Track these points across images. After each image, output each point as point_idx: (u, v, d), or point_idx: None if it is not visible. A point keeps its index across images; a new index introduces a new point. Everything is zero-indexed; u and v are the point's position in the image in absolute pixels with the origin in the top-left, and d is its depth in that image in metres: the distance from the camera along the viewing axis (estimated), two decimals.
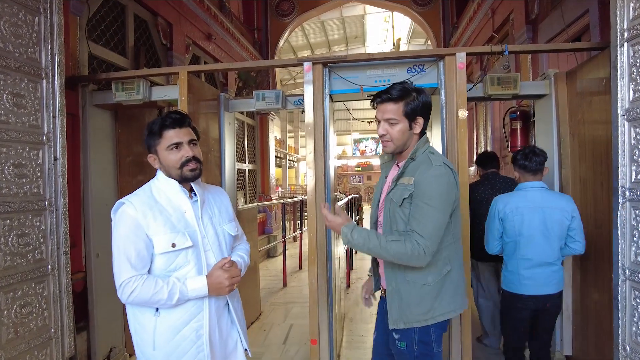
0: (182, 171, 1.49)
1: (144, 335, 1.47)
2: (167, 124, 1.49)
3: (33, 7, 2.34)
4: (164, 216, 1.47)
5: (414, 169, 1.57)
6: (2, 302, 2.15)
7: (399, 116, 1.59)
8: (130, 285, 1.40)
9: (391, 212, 1.60)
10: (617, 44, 1.98)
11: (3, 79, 2.16)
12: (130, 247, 1.42)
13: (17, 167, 2.25)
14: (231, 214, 1.69)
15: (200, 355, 1.46)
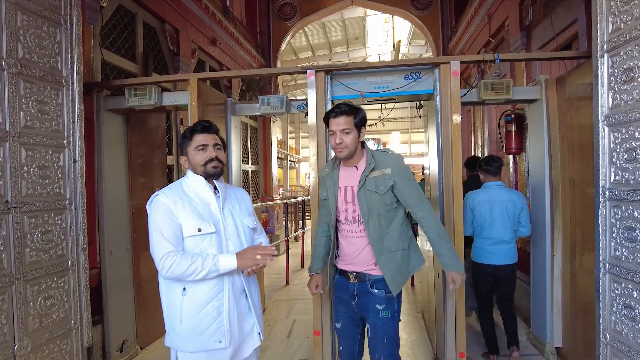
0: (205, 168, 1.74)
1: (173, 311, 1.70)
2: (197, 129, 1.77)
3: (55, 20, 2.51)
4: (192, 205, 1.70)
5: (382, 163, 1.96)
6: (29, 294, 2.31)
7: (351, 126, 1.94)
8: (169, 259, 1.60)
9: (371, 201, 1.94)
10: (597, 54, 2.14)
11: (29, 87, 2.33)
12: (166, 226, 1.65)
13: (41, 169, 2.42)
14: (250, 210, 1.91)
15: (220, 329, 1.67)
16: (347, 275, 2.04)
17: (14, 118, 2.23)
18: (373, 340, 2.01)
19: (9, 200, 2.20)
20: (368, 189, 1.94)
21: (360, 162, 2.02)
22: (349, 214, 2.02)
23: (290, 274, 6.03)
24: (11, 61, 2.20)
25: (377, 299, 1.97)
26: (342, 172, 2.06)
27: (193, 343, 1.67)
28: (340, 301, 2.12)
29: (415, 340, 3.68)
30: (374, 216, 1.94)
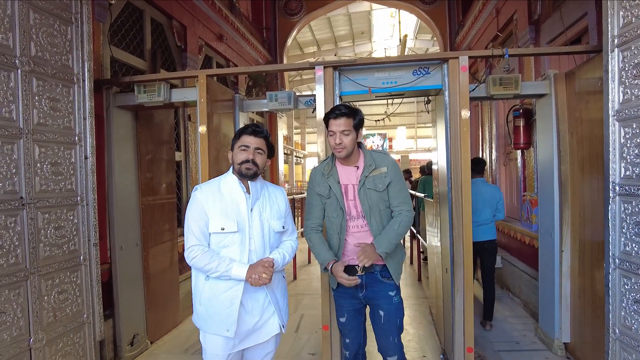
0: (240, 167, 1.84)
1: (196, 292, 1.88)
2: (246, 131, 1.88)
3: (66, 18, 2.53)
4: (222, 203, 1.83)
5: (380, 162, 2.09)
6: (43, 289, 2.36)
7: (350, 128, 2.03)
8: (193, 251, 1.79)
9: (371, 198, 2.06)
10: (608, 49, 2.13)
11: (42, 85, 2.36)
12: (194, 223, 1.82)
13: (54, 166, 2.45)
14: (281, 212, 1.97)
15: (229, 319, 1.78)
16: (355, 268, 2.08)
17: (27, 115, 2.26)
18: (387, 325, 2.10)
19: (23, 197, 2.24)
20: (367, 188, 2.06)
21: (359, 161, 2.12)
22: (351, 209, 2.11)
23: (298, 269, 6.07)
24: (24, 59, 2.23)
25: (389, 287, 2.11)
26: (341, 170, 2.14)
27: (206, 324, 1.83)
28: (344, 295, 2.18)
29: (422, 334, 3.70)
30: (375, 212, 2.08)
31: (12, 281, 2.17)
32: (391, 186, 2.07)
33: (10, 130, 2.17)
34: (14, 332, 2.18)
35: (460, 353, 2.77)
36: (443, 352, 3.27)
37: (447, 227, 2.85)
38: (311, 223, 2.19)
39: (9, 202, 2.16)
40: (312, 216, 2.19)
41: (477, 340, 3.49)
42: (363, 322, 2.22)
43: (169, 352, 3.52)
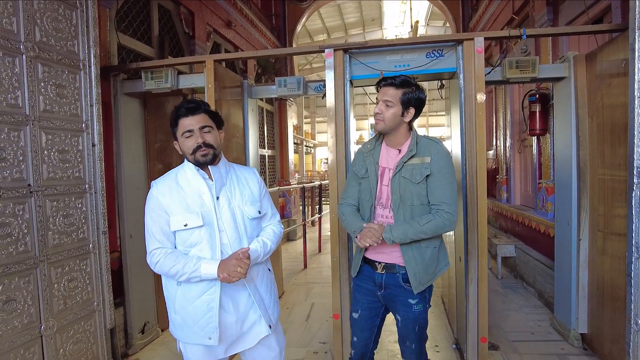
0: (195, 157, 1.61)
1: (169, 299, 1.67)
2: (180, 113, 1.61)
3: (71, 2, 2.48)
4: (181, 197, 1.61)
5: (425, 150, 1.83)
6: (53, 276, 2.35)
7: (395, 100, 1.82)
8: (155, 255, 1.59)
9: (403, 189, 1.82)
10: (635, 26, 2.01)
11: (47, 71, 2.32)
12: (153, 223, 1.61)
13: (61, 153, 2.43)
14: (255, 196, 1.75)
15: (209, 326, 1.58)
16: (375, 264, 1.93)
17: (33, 102, 2.23)
18: (403, 330, 1.94)
19: (31, 184, 2.22)
20: (402, 176, 1.82)
21: (404, 145, 1.89)
22: (383, 196, 1.89)
23: (308, 258, 6.05)
24: (29, 45, 2.20)
25: (410, 294, 1.86)
26: (384, 151, 1.94)
27: (184, 334, 1.63)
28: (362, 290, 2.00)
29: (435, 324, 3.65)
30: (406, 205, 1.82)
31: (21, 269, 2.16)
32: (431, 179, 1.79)
33: (16, 117, 2.14)
34: (25, 320, 2.18)
35: (474, 343, 2.72)
36: (456, 341, 3.21)
37: (462, 215, 2.77)
38: (345, 200, 2.01)
39: (16, 190, 2.14)
40: (347, 195, 2.02)
41: (490, 330, 3.43)
42: (376, 325, 2.02)
43: None
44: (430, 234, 1.77)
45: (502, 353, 3.06)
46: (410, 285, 1.83)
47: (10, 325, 2.10)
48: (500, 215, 5.89)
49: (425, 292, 1.88)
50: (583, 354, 3.00)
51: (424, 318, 1.91)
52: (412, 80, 1.86)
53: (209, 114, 1.65)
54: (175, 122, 1.63)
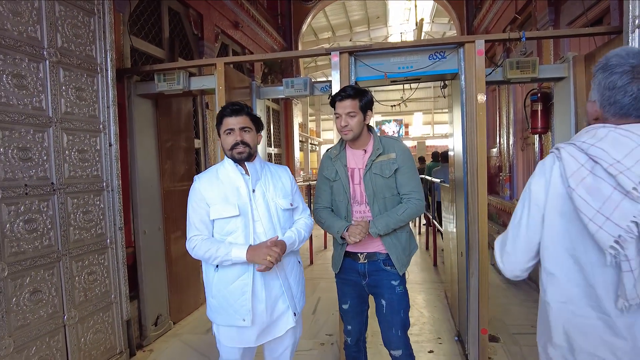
0: (232, 153, 1.79)
1: (207, 284, 1.84)
2: (225, 113, 1.80)
3: (89, 9, 2.61)
4: (220, 190, 1.78)
5: (389, 147, 2.04)
6: (74, 270, 2.49)
7: (356, 109, 1.98)
8: (193, 241, 1.77)
9: (376, 184, 2.01)
10: (629, 29, 2.10)
11: (68, 75, 2.45)
12: (194, 213, 1.79)
13: (81, 153, 2.56)
14: (287, 190, 1.91)
15: (243, 308, 1.74)
16: (357, 256, 2.08)
17: (56, 105, 2.36)
18: (389, 316, 2.05)
19: (54, 182, 2.36)
20: (374, 173, 2.01)
21: (368, 145, 2.07)
22: (356, 194, 2.07)
23: (314, 254, 6.17)
24: (52, 50, 2.33)
25: (392, 276, 2.05)
26: (349, 153, 2.11)
27: (220, 317, 1.78)
28: (347, 283, 2.15)
29: (438, 317, 3.76)
30: (379, 198, 2.02)
31: (46, 262, 2.30)
32: (399, 173, 2.01)
33: (40, 119, 2.27)
34: (50, 310, 2.32)
35: (475, 334, 2.82)
36: (458, 334, 3.32)
37: (463, 211, 2.87)
38: (319, 205, 2.17)
39: (41, 188, 2.28)
40: (320, 199, 2.17)
41: (492, 323, 3.54)
42: (365, 310, 2.21)
43: (191, 332, 3.66)
44: (407, 220, 2.01)
45: (503, 345, 3.17)
46: (393, 267, 2.03)
47: (37, 314, 2.24)
48: (503, 212, 5.97)
49: (403, 276, 2.09)
50: None
51: (406, 301, 2.09)
52: (359, 86, 2.07)
53: (250, 117, 1.83)
54: (220, 120, 1.82)
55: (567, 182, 1.10)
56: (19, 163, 2.15)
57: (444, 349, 3.14)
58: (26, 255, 2.18)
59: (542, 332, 1.26)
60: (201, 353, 3.21)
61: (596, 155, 1.06)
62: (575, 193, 1.07)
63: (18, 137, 2.15)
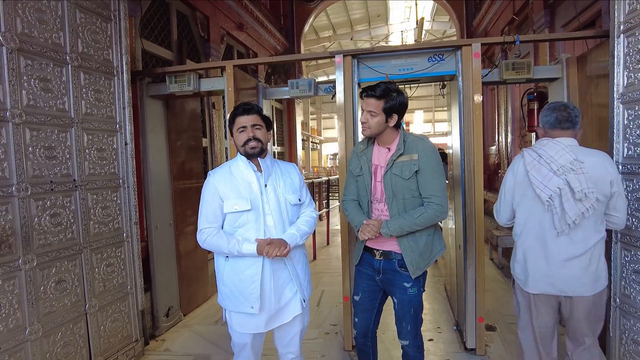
0: (245, 148, 1.89)
1: (219, 274, 1.96)
2: (238, 112, 1.91)
3: (106, 15, 2.76)
4: (233, 185, 1.89)
5: (413, 147, 1.99)
6: (94, 261, 2.65)
7: (378, 110, 1.97)
8: (204, 233, 1.88)
9: (394, 185, 1.99)
10: (614, 34, 2.25)
11: (88, 78, 2.61)
12: (207, 205, 1.90)
13: (99, 151, 2.71)
14: (296, 185, 2.02)
15: (252, 296, 1.86)
16: (373, 252, 2.11)
17: (77, 106, 2.52)
18: (400, 312, 2.08)
19: (75, 179, 2.51)
20: (393, 173, 1.99)
21: (392, 144, 2.05)
22: (377, 192, 2.07)
23: (317, 250, 6.34)
24: (74, 55, 2.48)
25: (405, 278, 2.03)
26: (376, 149, 2.11)
27: (231, 303, 1.91)
28: (362, 275, 2.18)
29: (437, 309, 3.92)
30: (398, 199, 1.99)
31: (69, 254, 2.46)
32: (420, 175, 1.95)
33: (64, 120, 2.43)
34: (73, 298, 2.48)
35: (472, 323, 2.97)
36: (456, 323, 3.48)
37: (460, 207, 3.02)
38: (346, 197, 2.20)
39: (64, 184, 2.43)
40: (348, 191, 2.20)
41: (490, 314, 3.70)
42: (376, 306, 2.19)
43: (201, 323, 3.82)
44: (423, 225, 1.95)
45: (499, 333, 3.32)
46: (407, 270, 2.00)
47: (62, 302, 2.40)
48: None
49: (420, 277, 2.05)
50: None
51: (418, 301, 2.07)
52: (393, 86, 2.01)
53: (260, 116, 1.93)
54: (232, 120, 1.92)
55: (526, 168, 1.96)
56: (45, 161, 2.31)
57: (443, 338, 3.29)
58: (52, 247, 2.34)
59: (513, 258, 2.10)
60: (211, 342, 3.37)
61: (541, 153, 1.93)
62: (530, 173, 1.94)
63: (44, 137, 2.30)
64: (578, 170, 1.82)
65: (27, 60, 2.21)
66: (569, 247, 1.87)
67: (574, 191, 1.81)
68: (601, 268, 1.90)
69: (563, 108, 1.95)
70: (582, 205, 1.82)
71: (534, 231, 1.96)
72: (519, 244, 2.04)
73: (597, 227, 1.88)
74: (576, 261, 1.87)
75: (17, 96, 2.16)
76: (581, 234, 1.86)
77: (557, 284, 1.90)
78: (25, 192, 2.18)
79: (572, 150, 1.87)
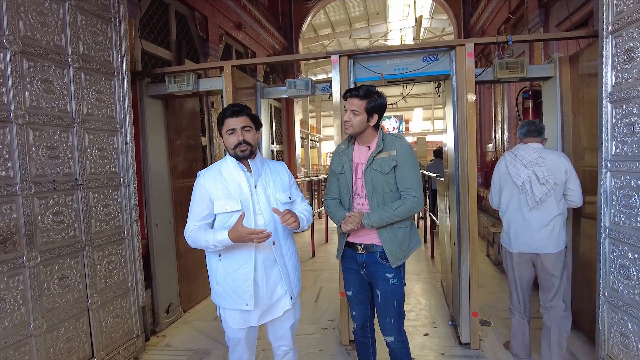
0: (235, 152, 1.91)
1: (212, 273, 2.00)
2: (227, 114, 1.92)
3: (107, 17, 2.81)
4: (224, 186, 1.91)
5: (391, 145, 2.12)
6: (96, 259, 2.71)
7: (361, 110, 2.09)
8: (189, 231, 1.92)
9: (374, 179, 2.11)
10: (603, 35, 2.30)
11: (89, 79, 2.66)
12: (195, 206, 1.93)
13: (100, 151, 2.77)
14: (285, 185, 2.05)
15: (246, 294, 1.89)
16: (355, 246, 2.20)
17: (79, 107, 2.57)
18: (383, 305, 2.17)
19: (77, 178, 2.57)
20: (374, 168, 2.11)
21: (372, 143, 2.17)
22: (358, 188, 2.19)
23: (316, 248, 6.39)
24: (75, 57, 2.53)
25: (387, 269, 2.13)
26: (356, 149, 2.23)
27: (225, 301, 1.94)
28: (349, 271, 2.28)
29: (434, 304, 3.98)
30: (378, 193, 2.11)
31: (72, 251, 2.52)
32: (398, 170, 2.08)
33: (65, 120, 2.48)
34: (75, 295, 2.54)
35: (467, 317, 3.04)
36: (452, 319, 3.54)
37: (455, 204, 3.08)
38: (328, 196, 2.31)
39: (67, 183, 2.49)
40: (330, 190, 2.31)
41: (485, 310, 3.76)
42: (369, 297, 2.30)
43: (201, 319, 3.89)
44: (402, 216, 2.07)
45: (493, 328, 3.38)
46: (388, 260, 2.11)
47: (65, 299, 2.46)
48: None
49: (400, 268, 2.17)
50: None
51: (400, 293, 2.17)
52: (374, 89, 2.14)
53: (249, 117, 1.95)
54: (221, 121, 1.93)
55: (506, 165, 2.78)
56: (47, 161, 2.36)
57: (438, 332, 3.36)
58: (55, 245, 2.40)
59: (502, 232, 2.88)
60: (211, 338, 3.43)
61: (516, 154, 2.75)
62: (509, 168, 2.75)
63: (47, 137, 2.36)
64: (541, 164, 2.62)
65: (29, 62, 2.27)
66: (539, 218, 2.64)
67: (539, 178, 2.60)
68: (562, 234, 2.67)
69: (532, 123, 2.80)
70: (545, 188, 2.59)
71: (513, 207, 2.74)
72: (505, 219, 2.82)
73: (558, 204, 2.64)
74: (545, 229, 2.63)
75: (21, 97, 2.21)
76: (546, 209, 2.62)
77: (531, 245, 2.67)
78: (28, 191, 2.24)
79: (537, 151, 2.69)
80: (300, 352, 3.06)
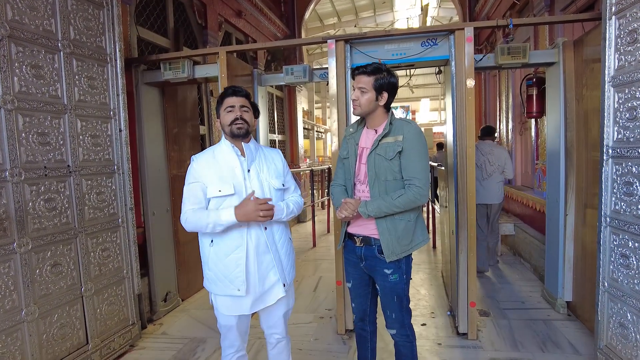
0: (231, 128, 1.89)
1: (204, 259, 1.98)
2: (227, 93, 1.94)
3: (99, 2, 2.77)
4: (216, 169, 1.89)
5: (398, 129, 1.96)
6: (90, 246, 2.70)
7: (369, 87, 1.96)
8: (185, 215, 1.89)
9: (377, 165, 1.97)
10: (606, 17, 2.21)
11: (81, 65, 2.62)
12: (189, 191, 1.90)
13: (93, 138, 2.75)
14: (280, 171, 2.03)
15: (238, 280, 1.87)
16: (354, 238, 2.09)
17: (70, 93, 2.54)
18: (384, 299, 2.09)
19: (70, 165, 2.55)
20: (377, 153, 1.97)
21: (380, 126, 2.03)
22: (361, 173, 2.07)
23: (317, 238, 6.37)
24: (65, 42, 2.50)
25: (385, 264, 2.00)
26: (364, 133, 2.10)
27: (217, 287, 1.92)
28: (349, 263, 2.18)
29: (433, 294, 3.95)
30: (380, 181, 1.97)
31: (64, 238, 2.51)
32: (404, 156, 1.92)
33: (57, 106, 2.46)
34: (69, 282, 2.53)
35: (464, 308, 3.00)
36: (450, 309, 3.50)
37: (453, 193, 3.02)
38: (334, 182, 2.21)
39: (58, 170, 2.47)
40: (336, 176, 2.21)
41: (484, 300, 3.72)
42: (369, 292, 2.20)
43: (198, 308, 3.89)
44: (402, 207, 1.91)
45: (492, 319, 3.34)
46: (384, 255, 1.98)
47: (58, 285, 2.46)
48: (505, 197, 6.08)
49: (401, 264, 2.01)
50: (566, 319, 3.26)
51: (401, 288, 2.04)
52: (383, 66, 2.01)
53: (248, 100, 1.96)
54: (221, 100, 1.94)
55: None
56: (38, 147, 2.34)
57: (436, 322, 3.32)
58: (47, 232, 2.39)
59: None
60: (208, 326, 3.43)
61: (479, 148, 4.47)
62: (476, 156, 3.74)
63: (37, 123, 2.34)
64: (491, 154, 4.45)
65: (18, 47, 2.23)
66: (490, 184, 4.46)
67: (490, 162, 4.43)
68: (500, 193, 4.52)
69: (488, 127, 4.68)
70: (492, 167, 4.43)
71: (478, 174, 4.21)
72: None
73: (499, 176, 4.47)
74: (494, 189, 4.47)
75: (9, 83, 2.18)
76: (494, 178, 4.46)
77: (487, 198, 4.47)
78: (19, 177, 2.22)
79: (490, 146, 4.51)
80: (296, 340, 3.05)
